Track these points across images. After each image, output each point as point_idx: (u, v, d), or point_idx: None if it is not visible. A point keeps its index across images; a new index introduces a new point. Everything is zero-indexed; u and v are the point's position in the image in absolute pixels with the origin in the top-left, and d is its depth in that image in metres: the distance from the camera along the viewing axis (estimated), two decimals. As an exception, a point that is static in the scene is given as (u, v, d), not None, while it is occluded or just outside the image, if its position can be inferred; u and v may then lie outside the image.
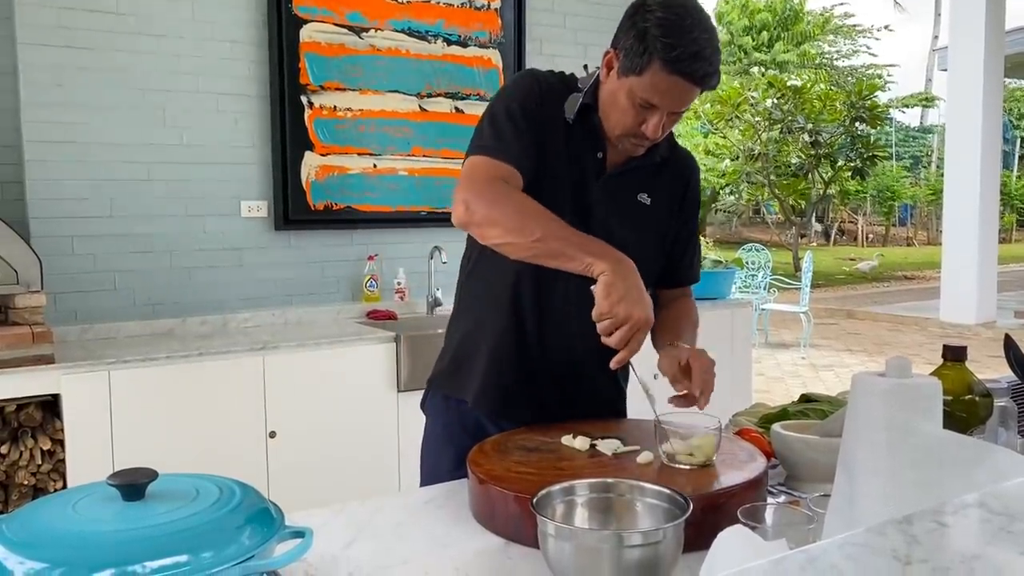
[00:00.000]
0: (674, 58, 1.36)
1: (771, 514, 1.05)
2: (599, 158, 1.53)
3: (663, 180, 1.60)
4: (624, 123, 1.46)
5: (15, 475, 2.52)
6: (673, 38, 1.35)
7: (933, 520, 0.70)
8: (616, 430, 1.46)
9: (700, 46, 1.36)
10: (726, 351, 4.03)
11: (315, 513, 1.25)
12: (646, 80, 1.39)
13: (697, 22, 1.38)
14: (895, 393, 0.94)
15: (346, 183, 3.56)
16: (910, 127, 27.12)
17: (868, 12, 33.40)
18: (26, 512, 0.88)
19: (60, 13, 2.97)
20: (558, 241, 1.34)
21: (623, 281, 1.30)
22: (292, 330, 3.26)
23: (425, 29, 3.69)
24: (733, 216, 22.18)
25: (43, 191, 2.99)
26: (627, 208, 1.56)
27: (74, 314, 3.05)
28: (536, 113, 1.49)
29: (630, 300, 1.29)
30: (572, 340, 1.55)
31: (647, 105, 1.42)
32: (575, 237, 1.35)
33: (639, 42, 1.38)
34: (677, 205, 1.64)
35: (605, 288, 1.29)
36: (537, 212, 1.37)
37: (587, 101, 1.51)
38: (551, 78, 1.57)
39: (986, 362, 6.44)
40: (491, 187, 1.40)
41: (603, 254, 1.32)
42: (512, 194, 1.40)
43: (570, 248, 1.33)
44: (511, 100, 1.50)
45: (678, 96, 1.41)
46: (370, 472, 3.04)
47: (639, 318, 1.29)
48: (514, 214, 1.37)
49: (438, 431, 1.67)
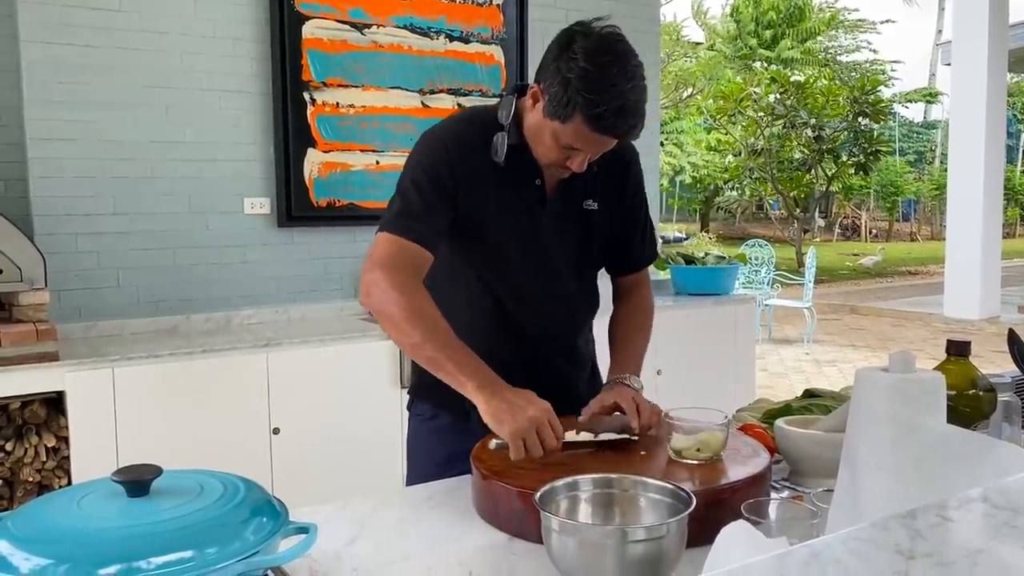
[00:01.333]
0: (597, 115, 1.34)
1: (774, 509, 1.05)
2: (538, 185, 1.54)
3: (604, 179, 1.60)
4: (550, 157, 1.46)
5: (20, 472, 2.53)
6: (596, 94, 1.33)
7: (937, 515, 0.70)
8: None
9: (624, 99, 1.34)
10: (729, 347, 4.03)
11: (319, 509, 1.25)
12: (569, 129, 1.38)
13: (621, 72, 1.34)
14: (899, 388, 0.94)
15: (349, 180, 3.56)
16: (913, 122, 27.06)
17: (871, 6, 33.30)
18: (31, 508, 0.88)
19: (63, 10, 2.97)
20: (437, 353, 1.35)
21: (499, 400, 1.28)
22: (295, 327, 3.27)
23: (427, 25, 3.68)
24: (735, 212, 22.16)
25: (46, 188, 2.99)
26: (577, 220, 1.58)
27: (78, 311, 3.05)
28: (448, 177, 1.47)
29: (518, 409, 1.27)
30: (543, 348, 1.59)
31: (572, 148, 1.42)
32: (454, 353, 1.35)
33: (563, 90, 1.36)
34: (621, 195, 1.64)
35: (492, 417, 1.28)
36: (427, 317, 1.37)
37: (512, 142, 1.49)
38: (464, 130, 1.53)
39: (990, 357, 6.43)
40: (391, 278, 1.39)
41: (473, 375, 1.32)
42: (410, 291, 1.39)
43: (447, 364, 1.34)
44: (420, 170, 1.49)
45: (601, 144, 1.42)
46: (373, 468, 3.04)
47: (536, 415, 1.26)
48: (404, 316, 1.37)
49: (424, 431, 1.68)
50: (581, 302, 1.65)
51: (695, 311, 3.91)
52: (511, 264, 1.55)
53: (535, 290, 1.57)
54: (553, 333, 1.61)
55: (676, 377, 3.61)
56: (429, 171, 1.48)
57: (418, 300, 1.39)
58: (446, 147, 1.50)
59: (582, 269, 1.63)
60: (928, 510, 0.71)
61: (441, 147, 1.50)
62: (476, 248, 1.54)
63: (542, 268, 1.56)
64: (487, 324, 1.56)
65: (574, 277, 1.61)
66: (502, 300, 1.56)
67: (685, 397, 1.45)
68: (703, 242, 8.76)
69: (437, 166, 1.48)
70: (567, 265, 1.59)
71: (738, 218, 22.60)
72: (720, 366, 3.98)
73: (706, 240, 10.32)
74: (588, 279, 1.65)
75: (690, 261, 4.16)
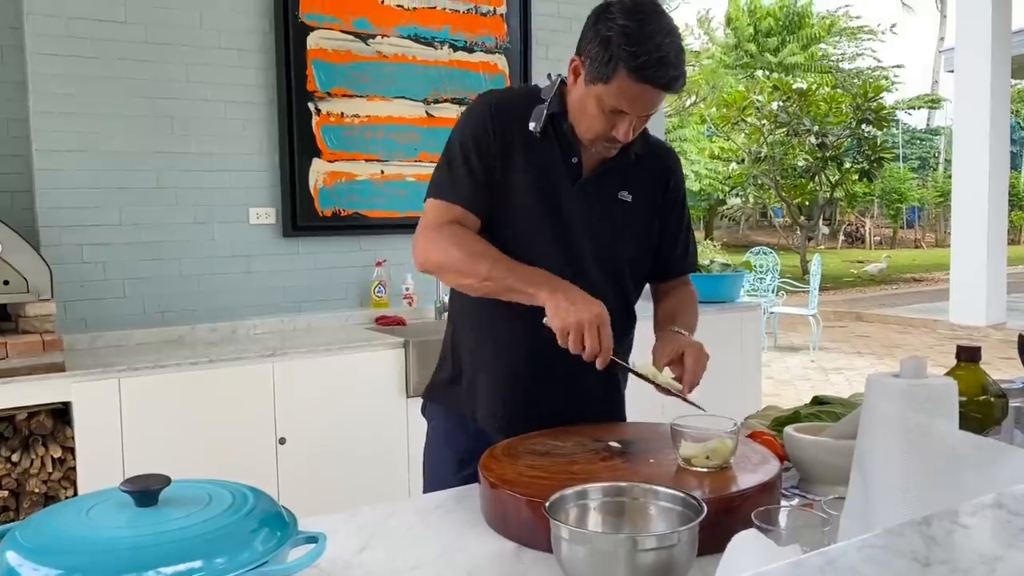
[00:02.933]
0: (639, 66, 1.36)
1: (785, 517, 1.04)
2: (574, 163, 1.54)
3: (642, 175, 1.61)
4: (595, 128, 1.47)
5: (26, 483, 2.52)
6: (637, 46, 1.36)
7: (952, 522, 0.70)
8: (628, 433, 1.45)
9: (664, 51, 1.37)
10: (735, 354, 4.02)
11: (327, 518, 1.24)
12: (613, 88, 1.40)
13: (660, 27, 1.38)
14: (910, 394, 0.93)
15: (354, 189, 3.56)
16: (917, 129, 27.04)
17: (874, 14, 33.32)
18: (40, 519, 0.88)
19: (69, 23, 2.98)
20: (505, 278, 1.43)
21: (563, 295, 1.37)
22: (301, 337, 3.26)
23: (431, 35, 3.69)
24: (740, 219, 22.15)
25: (53, 200, 3.00)
26: (608, 208, 1.57)
27: (84, 322, 3.06)
28: (492, 142, 1.51)
29: (577, 307, 1.35)
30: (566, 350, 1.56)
31: (616, 111, 1.43)
32: (520, 272, 1.43)
33: (603, 50, 1.39)
34: (659, 199, 1.65)
35: (551, 310, 1.37)
36: (484, 252, 1.45)
37: (553, 110, 1.52)
38: (509, 95, 1.60)
39: (997, 363, 6.41)
40: (440, 232, 1.49)
41: (542, 283, 1.40)
42: (461, 237, 1.47)
43: (517, 283, 1.42)
44: (465, 136, 1.53)
45: (646, 102, 1.43)
46: (380, 477, 3.04)
47: (591, 316, 1.34)
48: (462, 257, 1.45)
49: (439, 436, 1.68)
50: (605, 294, 1.58)
51: (701, 319, 3.86)
52: (532, 235, 1.53)
53: (552, 268, 1.51)
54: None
55: (682, 385, 3.59)
56: (473, 135, 1.53)
57: (471, 242, 1.47)
58: (490, 110, 1.54)
59: (606, 258, 1.58)
60: (943, 517, 0.70)
61: (486, 109, 1.54)
62: (500, 216, 1.53)
63: (562, 244, 1.53)
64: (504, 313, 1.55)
65: (596, 263, 1.57)
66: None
67: (684, 407, 1.44)
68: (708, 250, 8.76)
69: (480, 129, 1.52)
70: (589, 247, 1.55)
71: (742, 226, 22.58)
72: (726, 374, 3.97)
73: (711, 248, 10.31)
74: (613, 273, 1.60)
75: (695, 269, 4.15)
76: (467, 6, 3.77)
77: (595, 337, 1.34)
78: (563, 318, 1.34)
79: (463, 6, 3.76)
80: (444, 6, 3.72)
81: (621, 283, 1.63)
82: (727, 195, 19.79)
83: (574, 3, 4.02)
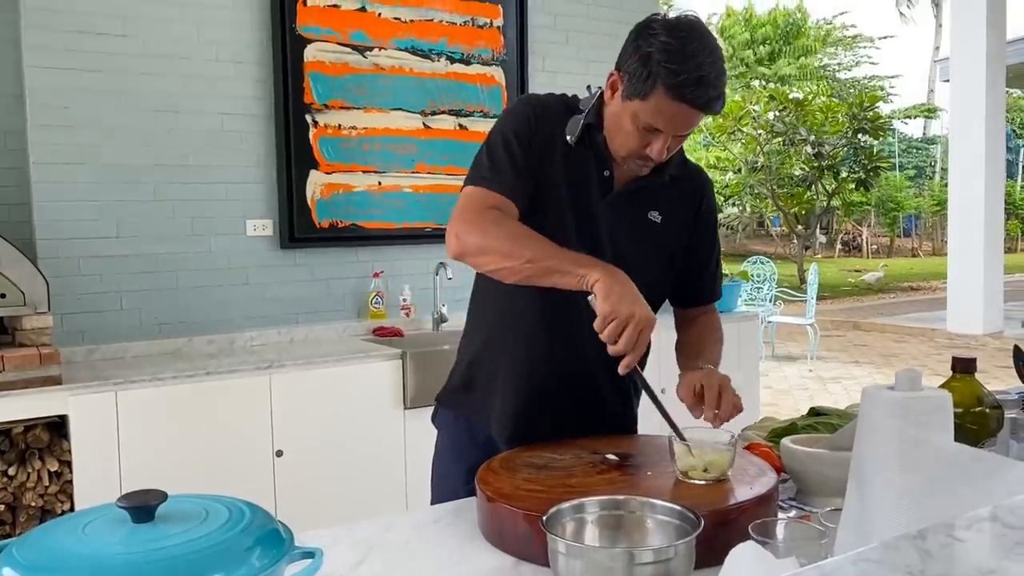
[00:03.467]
0: (678, 84, 1.35)
1: (782, 529, 1.04)
2: (606, 176, 1.53)
3: (674, 198, 1.59)
4: (629, 145, 1.46)
5: (23, 497, 2.52)
6: (677, 64, 1.34)
7: (947, 535, 0.70)
8: (626, 446, 1.45)
9: (704, 71, 1.35)
10: (733, 364, 3.99)
11: (324, 533, 1.24)
12: (650, 105, 1.39)
13: (701, 46, 1.37)
14: (905, 406, 0.94)
15: (351, 201, 3.57)
16: (913, 138, 27.12)
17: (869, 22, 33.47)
18: (36, 535, 0.87)
19: (66, 36, 2.99)
20: (550, 260, 1.36)
21: (620, 284, 1.31)
22: (298, 348, 3.26)
23: (428, 47, 3.71)
24: (737, 228, 22.18)
25: (50, 212, 3.00)
26: (636, 225, 1.56)
27: (81, 335, 3.05)
28: (532, 140, 1.50)
29: (630, 299, 1.30)
30: (584, 358, 1.55)
31: (651, 129, 1.42)
32: (566, 254, 1.37)
33: (643, 67, 1.37)
34: (691, 223, 1.63)
35: (604, 292, 1.30)
36: (527, 235, 1.39)
37: (589, 121, 1.50)
38: (550, 101, 1.57)
39: (994, 372, 6.41)
40: (481, 216, 1.43)
41: (595, 265, 1.34)
42: (502, 220, 1.43)
43: (563, 264, 1.35)
44: (507, 129, 1.52)
45: (682, 121, 1.42)
46: (378, 490, 3.03)
47: (642, 316, 1.29)
48: (504, 239, 1.40)
49: (448, 446, 1.67)
50: None
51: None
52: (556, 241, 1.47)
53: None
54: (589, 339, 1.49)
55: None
56: (516, 129, 1.51)
57: (513, 225, 1.42)
58: (533, 110, 1.53)
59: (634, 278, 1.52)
60: (938, 530, 0.70)
61: (529, 109, 1.54)
62: (531, 221, 1.50)
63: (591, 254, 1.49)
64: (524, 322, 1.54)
65: None
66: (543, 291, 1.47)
67: (689, 416, 1.44)
68: (705, 259, 8.75)
69: (524, 125, 1.51)
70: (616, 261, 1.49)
71: (739, 235, 22.61)
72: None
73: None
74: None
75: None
76: (464, 18, 3.79)
77: (634, 336, 1.29)
78: (614, 303, 1.28)
79: (460, 18, 3.78)
80: (441, 19, 3.73)
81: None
82: (724, 204, 19.83)
83: (571, 15, 4.04)
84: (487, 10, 3.84)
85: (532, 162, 1.49)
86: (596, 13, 4.07)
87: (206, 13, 3.24)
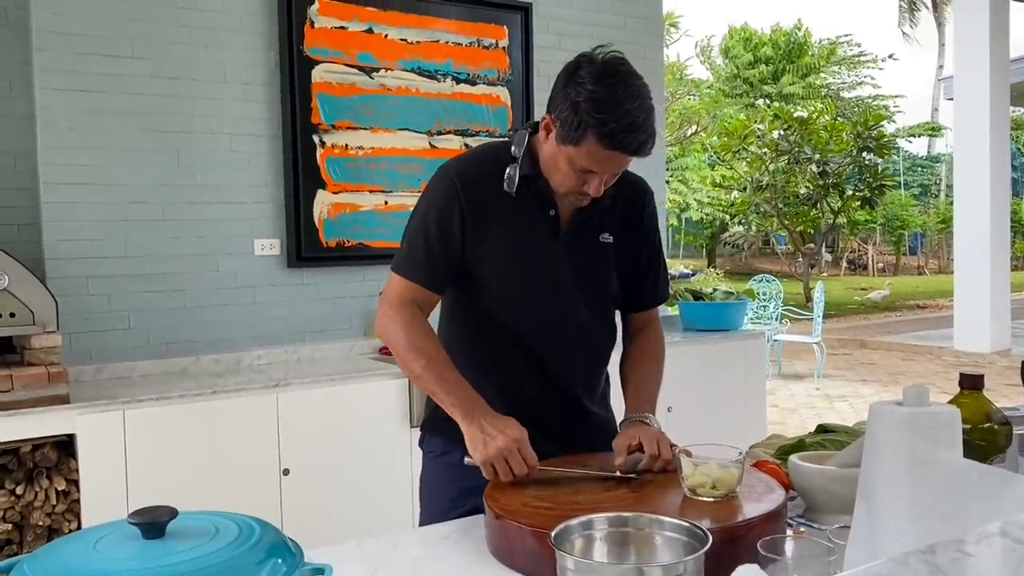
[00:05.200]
0: (608, 133, 1.38)
1: (791, 546, 1.04)
2: (552, 216, 1.56)
3: (619, 214, 1.63)
4: (567, 184, 1.49)
5: (30, 516, 2.52)
6: (605, 113, 1.37)
7: (957, 550, 0.70)
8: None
9: (632, 117, 1.38)
10: (739, 383, 4.01)
11: (332, 550, 1.24)
12: (583, 151, 1.42)
13: (629, 92, 1.39)
14: (914, 422, 0.94)
15: (358, 220, 3.59)
16: (918, 156, 27.15)
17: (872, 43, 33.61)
18: (47, 551, 0.88)
19: (76, 58, 3.02)
20: (431, 383, 1.49)
21: (476, 425, 1.41)
22: (305, 367, 3.27)
23: (434, 68, 3.74)
24: (742, 247, 22.19)
25: (59, 232, 3.02)
26: (591, 253, 1.60)
27: (89, 354, 3.06)
28: (455, 220, 1.54)
29: (492, 437, 1.39)
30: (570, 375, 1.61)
31: (587, 171, 1.45)
32: (445, 381, 1.48)
33: (573, 114, 1.40)
34: (636, 232, 1.67)
35: (469, 442, 1.42)
36: (422, 348, 1.50)
37: (525, 172, 1.53)
38: (476, 161, 1.61)
39: (1002, 390, 6.38)
40: (398, 314, 1.54)
41: (461, 404, 1.45)
42: (412, 324, 1.52)
43: (440, 393, 1.48)
44: (426, 216, 1.57)
45: (616, 164, 1.46)
46: (385, 508, 3.02)
47: (507, 442, 1.38)
48: (405, 348, 1.51)
49: (439, 469, 1.68)
50: (595, 333, 1.66)
51: (704, 347, 3.90)
52: (522, 294, 1.57)
53: (547, 320, 1.58)
54: (568, 364, 1.62)
55: (687, 414, 3.58)
56: (437, 211, 1.55)
57: (418, 335, 1.52)
58: (453, 183, 1.55)
59: (596, 301, 1.64)
60: (948, 545, 0.70)
61: (449, 183, 1.56)
62: (489, 279, 1.57)
63: (553, 297, 1.58)
64: (502, 358, 1.59)
65: (587, 308, 1.62)
66: (514, 332, 1.58)
67: (696, 434, 1.45)
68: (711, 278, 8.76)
69: (445, 204, 1.55)
70: (580, 296, 1.60)
71: (745, 253, 22.61)
72: (731, 402, 3.96)
73: (714, 276, 10.31)
74: (602, 311, 1.67)
75: (698, 297, 4.15)
76: (469, 39, 3.82)
77: (519, 461, 1.37)
78: (483, 451, 1.38)
79: (465, 39, 3.81)
80: (447, 40, 3.76)
81: (607, 314, 1.69)
82: (729, 223, 19.84)
83: (575, 36, 4.07)
84: (492, 31, 3.87)
85: (461, 239, 1.54)
86: (601, 34, 4.09)
87: (215, 35, 3.27)
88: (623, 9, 4.24)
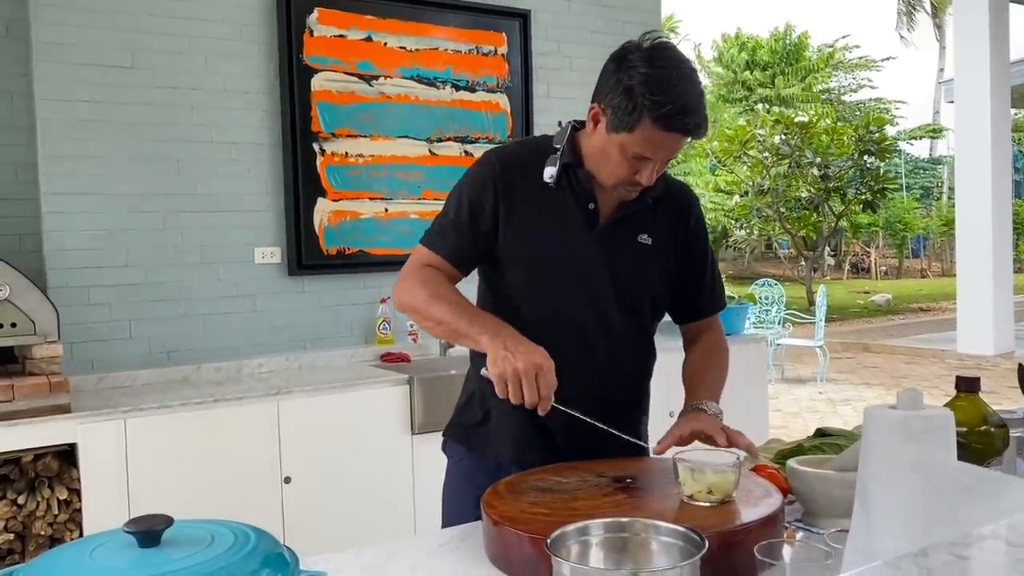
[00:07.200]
0: (665, 115, 1.38)
1: (788, 551, 1.04)
2: (591, 209, 1.55)
3: (661, 217, 1.62)
4: (618, 174, 1.48)
5: (32, 526, 2.52)
6: (661, 95, 1.37)
7: (951, 553, 0.70)
8: (629, 468, 1.45)
9: (687, 98, 1.39)
10: (741, 387, 3.99)
11: (331, 557, 1.24)
12: (638, 136, 1.41)
13: (681, 74, 1.40)
14: (908, 425, 0.94)
15: (358, 228, 3.59)
16: (919, 158, 27.12)
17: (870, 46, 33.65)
18: (44, 560, 0.88)
19: (76, 69, 3.04)
20: (457, 323, 1.44)
21: (503, 341, 1.37)
22: (306, 375, 3.27)
23: (434, 76, 3.75)
24: (744, 251, 22.17)
25: (60, 242, 3.03)
26: (628, 252, 1.58)
27: (90, 363, 3.07)
28: (490, 201, 1.53)
29: (514, 354, 1.35)
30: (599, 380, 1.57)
31: (641, 157, 1.44)
32: (470, 315, 1.44)
33: (627, 100, 1.40)
34: (680, 238, 1.65)
35: (490, 357, 1.37)
36: (443, 297, 1.47)
37: (567, 160, 1.53)
38: (517, 152, 1.60)
39: (1006, 393, 6.37)
40: (414, 275, 1.52)
41: (486, 329, 1.41)
42: (428, 281, 1.50)
43: (464, 326, 1.43)
44: (461, 193, 1.57)
45: (671, 147, 1.45)
46: (385, 516, 3.02)
47: (527, 364, 1.34)
48: (422, 300, 1.48)
49: (458, 473, 1.67)
50: (626, 343, 1.60)
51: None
52: (553, 282, 1.54)
53: (575, 314, 1.54)
54: (592, 366, 1.57)
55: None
56: (471, 188, 1.55)
57: (436, 284, 1.50)
58: (492, 164, 1.56)
59: (629, 304, 1.59)
60: (941, 548, 0.70)
61: (488, 164, 1.57)
62: (518, 266, 1.55)
63: (582, 292, 1.54)
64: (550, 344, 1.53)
65: (618, 307, 1.57)
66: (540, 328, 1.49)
67: (698, 438, 1.45)
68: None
69: (481, 183, 1.55)
70: (612, 295, 1.56)
71: (747, 257, 22.58)
72: (733, 406, 3.91)
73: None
74: (637, 318, 1.61)
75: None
76: (468, 46, 3.83)
77: (532, 386, 1.33)
78: (501, 366, 1.35)
79: (464, 46, 3.82)
80: (446, 47, 3.78)
81: (642, 321, 1.64)
82: (732, 227, 19.83)
83: (574, 42, 4.08)
84: (491, 38, 3.88)
85: (493, 222, 1.53)
86: (599, 40, 4.11)
87: (214, 45, 3.28)
88: (621, 15, 4.24)
